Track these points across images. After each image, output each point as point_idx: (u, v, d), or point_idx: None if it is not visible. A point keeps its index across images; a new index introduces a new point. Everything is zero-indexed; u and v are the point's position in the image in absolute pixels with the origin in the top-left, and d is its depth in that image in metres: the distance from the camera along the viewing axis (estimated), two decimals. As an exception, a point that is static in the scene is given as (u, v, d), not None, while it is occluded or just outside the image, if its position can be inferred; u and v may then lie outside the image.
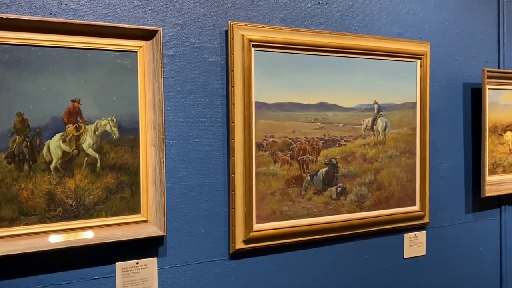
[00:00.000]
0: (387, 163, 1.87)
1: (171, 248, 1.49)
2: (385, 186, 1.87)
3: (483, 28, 2.17)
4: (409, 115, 1.92)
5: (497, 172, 2.16)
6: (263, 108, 1.60)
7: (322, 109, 1.72)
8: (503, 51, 2.22)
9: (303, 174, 1.69)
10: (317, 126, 1.71)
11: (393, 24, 1.91)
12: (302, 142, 1.68)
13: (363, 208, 1.81)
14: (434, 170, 2.02)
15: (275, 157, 1.63)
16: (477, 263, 2.17)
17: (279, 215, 1.64)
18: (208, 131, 1.54)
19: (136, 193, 1.42)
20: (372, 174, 1.84)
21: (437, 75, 2.03)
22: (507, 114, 2.19)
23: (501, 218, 2.24)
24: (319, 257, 1.75)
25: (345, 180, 1.78)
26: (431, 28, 2.01)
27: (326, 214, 1.73)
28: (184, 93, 1.50)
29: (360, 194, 1.81)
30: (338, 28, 1.78)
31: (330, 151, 1.74)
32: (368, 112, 1.82)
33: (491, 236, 2.21)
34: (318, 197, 1.72)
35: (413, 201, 1.94)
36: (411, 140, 1.93)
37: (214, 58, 1.54)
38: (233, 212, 1.55)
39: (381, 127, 1.85)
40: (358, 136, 1.80)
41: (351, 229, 1.78)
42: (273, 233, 1.62)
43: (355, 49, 1.76)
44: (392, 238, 1.92)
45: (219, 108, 1.55)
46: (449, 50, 2.07)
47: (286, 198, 1.65)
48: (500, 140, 2.17)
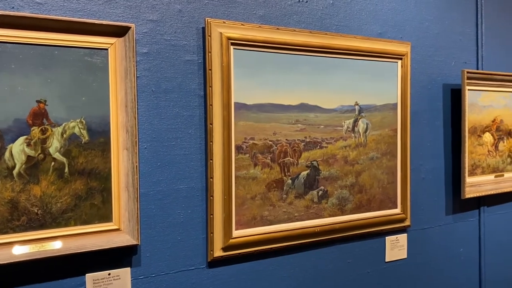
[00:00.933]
0: (368, 165, 1.83)
1: (146, 257, 1.41)
2: (367, 188, 1.83)
3: (462, 29, 2.16)
4: (390, 116, 1.89)
5: (476, 173, 2.16)
6: (243, 109, 1.53)
7: (303, 110, 1.67)
8: (481, 52, 2.22)
9: (284, 177, 1.63)
10: (298, 128, 1.66)
11: (374, 24, 1.88)
12: (283, 144, 1.63)
13: (344, 212, 1.77)
14: (415, 172, 2.00)
15: (255, 160, 1.57)
16: (457, 265, 2.16)
17: (260, 220, 1.58)
18: (184, 133, 1.46)
19: (107, 200, 1.33)
20: (353, 177, 1.79)
21: (417, 75, 2.00)
22: (485, 115, 2.20)
23: (480, 219, 2.24)
24: (300, 263, 1.70)
25: (326, 183, 1.73)
26: (412, 28, 1.99)
27: (307, 218, 1.68)
28: (158, 93, 1.42)
29: (341, 197, 1.76)
30: (318, 27, 1.73)
31: (311, 154, 1.69)
32: (349, 114, 1.78)
33: (471, 237, 2.21)
34: (300, 201, 1.67)
35: (395, 204, 1.91)
36: (392, 141, 1.90)
37: (190, 56, 1.47)
38: (211, 218, 1.47)
39: (362, 128, 1.82)
40: (339, 138, 1.76)
41: (332, 233, 1.74)
42: (253, 239, 1.55)
43: (336, 49, 1.72)
44: (373, 241, 1.89)
45: (196, 109, 1.48)
46: (429, 51, 2.05)
47: (267, 203, 1.59)
48: (479, 141, 2.17)
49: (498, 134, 2.25)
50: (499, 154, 2.26)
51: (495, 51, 2.28)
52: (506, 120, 2.28)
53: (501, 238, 2.32)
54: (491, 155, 2.23)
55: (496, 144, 2.24)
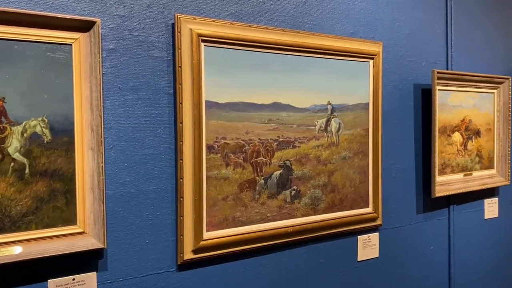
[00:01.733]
0: (341, 165, 1.83)
1: (112, 261, 1.36)
2: (339, 188, 1.82)
3: (433, 30, 2.19)
4: (362, 116, 1.89)
5: (446, 172, 2.19)
6: (214, 107, 1.50)
7: (276, 109, 1.64)
8: (451, 53, 2.26)
9: (257, 177, 1.61)
10: (271, 127, 1.64)
11: (346, 23, 1.87)
12: (255, 143, 1.60)
13: (317, 211, 1.76)
14: (386, 171, 2.01)
15: (227, 160, 1.53)
16: (427, 263, 2.19)
17: (232, 222, 1.55)
18: (153, 132, 1.42)
19: (71, 202, 1.27)
20: (326, 176, 1.79)
21: (389, 75, 2.01)
22: (455, 115, 2.23)
23: (450, 218, 2.27)
24: (272, 264, 1.67)
25: (299, 182, 1.71)
26: (383, 28, 2.00)
27: (280, 218, 1.66)
28: (126, 91, 1.37)
29: (314, 196, 1.75)
30: (291, 26, 1.71)
31: (284, 153, 1.67)
32: (321, 113, 1.77)
33: (441, 235, 2.24)
34: (272, 201, 1.64)
35: (366, 203, 1.91)
36: (364, 141, 1.90)
37: (159, 53, 1.42)
38: (181, 220, 1.43)
39: (334, 128, 1.81)
40: (312, 137, 1.74)
41: (305, 233, 1.72)
42: (225, 241, 1.52)
43: (309, 48, 1.70)
44: (345, 241, 1.89)
45: (166, 107, 1.44)
46: (400, 51, 2.06)
47: (239, 203, 1.56)
48: (448, 141, 2.20)
49: (467, 134, 2.29)
50: (468, 153, 2.30)
51: (464, 51, 2.32)
52: (475, 120, 2.33)
53: (469, 236, 2.36)
54: (460, 154, 2.26)
55: (465, 144, 2.28)
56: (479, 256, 2.41)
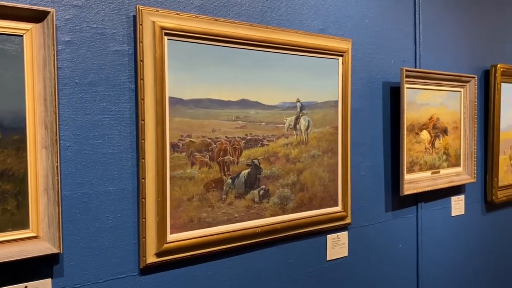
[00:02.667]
0: (310, 163, 1.80)
1: (69, 266, 1.28)
2: (308, 187, 1.79)
3: (401, 27, 2.19)
4: (331, 114, 1.87)
5: (414, 170, 2.20)
6: (179, 104, 1.44)
7: (244, 106, 1.60)
8: (419, 51, 2.26)
9: (224, 176, 1.55)
10: (239, 125, 1.59)
11: (316, 19, 1.84)
12: (222, 142, 1.55)
13: (286, 211, 1.72)
14: (355, 169, 2.00)
15: (192, 159, 1.48)
16: (396, 261, 2.19)
17: (197, 223, 1.49)
18: (113, 130, 1.34)
19: (23, 205, 1.19)
20: (295, 175, 1.75)
21: (358, 73, 2.00)
22: (423, 113, 2.24)
23: (418, 216, 2.28)
24: (240, 265, 1.63)
25: (268, 182, 1.67)
26: (353, 25, 1.98)
27: (248, 219, 1.62)
28: (83, 86, 1.29)
29: (283, 196, 1.72)
30: (259, 21, 1.66)
31: (252, 152, 1.63)
32: (290, 111, 1.73)
33: (409, 233, 2.25)
34: (240, 201, 1.60)
35: (336, 202, 1.89)
36: (333, 139, 1.88)
37: (120, 46, 1.35)
38: (143, 222, 1.37)
39: (303, 126, 1.78)
40: (281, 136, 1.71)
41: (274, 233, 1.69)
42: (190, 243, 1.46)
43: (278, 44, 1.66)
44: (314, 240, 1.86)
45: (127, 103, 1.36)
46: (369, 48, 2.05)
47: (205, 204, 1.51)
48: (416, 139, 2.21)
49: (434, 132, 2.30)
50: (436, 151, 2.32)
51: (432, 50, 2.33)
52: (442, 118, 2.35)
53: (437, 233, 2.38)
54: (428, 152, 2.28)
55: (433, 142, 2.30)
56: (446, 253, 2.44)
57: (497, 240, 2.77)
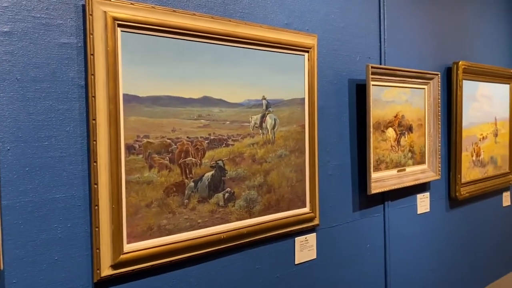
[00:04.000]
0: (277, 163, 1.72)
1: (12, 284, 1.14)
2: (275, 188, 1.72)
3: (366, 24, 2.15)
4: (298, 112, 1.80)
5: (380, 168, 2.17)
6: (134, 102, 1.32)
7: (207, 104, 1.50)
8: (384, 48, 2.24)
9: (186, 180, 1.45)
10: (201, 124, 1.49)
11: (280, 13, 1.77)
12: (183, 142, 1.44)
13: (252, 214, 1.64)
14: (323, 168, 1.94)
15: (150, 161, 1.36)
16: (364, 261, 2.15)
17: (157, 231, 1.38)
18: (60, 131, 1.21)
19: (-46, 217, 1.05)
20: (261, 176, 1.67)
21: (324, 70, 1.94)
22: (388, 110, 2.21)
23: (385, 214, 2.26)
24: (205, 274, 1.53)
25: (233, 184, 1.58)
26: (318, 21, 1.92)
27: (212, 224, 1.52)
28: (25, 82, 1.15)
29: (249, 198, 1.63)
30: (221, 13, 1.57)
31: (216, 152, 1.53)
32: (256, 108, 1.65)
33: (377, 232, 2.22)
34: (203, 206, 1.50)
35: (304, 203, 1.82)
36: (300, 138, 1.81)
37: (67, 39, 1.22)
38: (96, 231, 1.24)
39: (270, 124, 1.70)
40: (246, 135, 1.62)
41: (240, 238, 1.60)
42: (149, 253, 1.35)
43: (241, 38, 1.58)
44: (282, 243, 1.78)
45: (76, 101, 1.24)
46: (335, 45, 2.00)
47: (166, 210, 1.40)
48: (382, 137, 2.18)
49: (400, 130, 2.28)
50: (401, 149, 2.30)
51: (396, 47, 2.31)
52: (407, 115, 2.33)
53: (404, 231, 2.37)
54: (394, 150, 2.25)
55: (398, 139, 2.28)
56: (414, 251, 2.43)
57: (461, 236, 2.80)
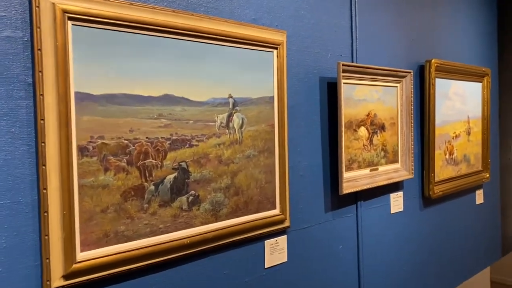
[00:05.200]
0: (245, 164, 1.66)
1: (-51, 300, 1.05)
2: (243, 190, 1.65)
3: (337, 21, 2.11)
4: (267, 111, 1.74)
5: (353, 168, 2.13)
6: (87, 100, 1.24)
7: (168, 103, 1.42)
8: (355, 45, 2.20)
9: (145, 183, 1.37)
10: (162, 124, 1.41)
11: (248, 8, 1.70)
12: (142, 143, 1.36)
13: (219, 218, 1.57)
14: (293, 169, 1.88)
15: (106, 163, 1.28)
16: (337, 263, 2.11)
17: (114, 238, 1.30)
18: (4, 132, 1.12)
19: None
20: (228, 178, 1.60)
21: (294, 67, 1.89)
22: (360, 109, 2.17)
23: (358, 214, 2.22)
24: (167, 282, 1.45)
25: (198, 186, 1.51)
26: (287, 16, 1.86)
27: (175, 229, 1.44)
28: (-38, 79, 1.06)
29: (215, 201, 1.56)
30: (183, 7, 1.49)
31: (179, 153, 1.46)
32: (222, 107, 1.58)
33: (349, 233, 2.18)
34: (165, 210, 1.42)
35: (273, 204, 1.77)
36: (270, 138, 1.75)
37: (12, 32, 1.13)
38: (46, 240, 1.15)
39: (237, 124, 1.63)
40: (212, 135, 1.55)
41: (205, 243, 1.52)
42: (106, 261, 1.27)
43: (205, 33, 1.51)
44: (251, 247, 1.72)
45: (22, 100, 1.14)
46: (305, 41, 1.95)
47: (123, 215, 1.32)
48: (355, 136, 2.14)
49: (372, 128, 2.25)
50: (374, 148, 2.26)
51: (369, 44, 2.28)
52: (380, 114, 2.30)
53: (377, 231, 2.33)
54: (366, 149, 2.22)
55: (371, 138, 2.24)
56: (387, 251, 2.40)
57: (435, 235, 2.79)
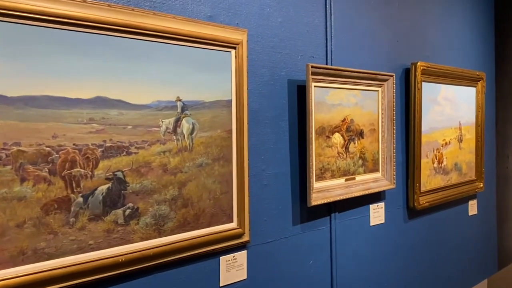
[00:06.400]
0: (196, 174, 1.52)
1: None
2: (194, 201, 1.51)
3: (310, 20, 1.97)
4: (223, 115, 1.60)
5: (325, 177, 1.98)
6: (1, 103, 1.11)
7: (101, 106, 1.29)
8: (330, 46, 2.05)
9: (72, 194, 1.24)
10: (93, 129, 1.28)
11: (203, 5, 1.57)
12: (68, 151, 1.23)
13: (163, 233, 1.43)
14: (256, 178, 1.74)
15: (22, 173, 1.15)
16: (306, 280, 1.95)
17: (32, 255, 1.16)
18: None
19: None
20: (175, 189, 1.46)
21: (257, 69, 1.75)
22: (335, 114, 2.03)
23: (331, 227, 2.07)
24: (101, 303, 1.32)
25: (137, 198, 1.37)
26: (250, 14, 1.73)
27: (108, 246, 1.31)
28: None
29: (159, 214, 1.42)
30: (124, 1, 1.36)
31: (114, 162, 1.32)
32: (169, 111, 1.45)
33: (321, 247, 2.03)
34: (97, 224, 1.29)
35: (230, 217, 1.62)
36: (226, 144, 1.61)
37: None
38: None
39: (186, 129, 1.50)
40: (155, 141, 1.41)
41: (146, 261, 1.39)
42: (22, 282, 1.14)
43: (149, 30, 1.38)
44: (204, 264, 1.58)
45: None
46: (271, 41, 1.81)
47: (44, 230, 1.19)
48: (327, 143, 1.99)
49: (348, 135, 2.10)
50: (350, 156, 2.11)
51: (347, 45, 2.13)
52: (357, 119, 2.15)
53: (353, 245, 2.18)
54: (341, 157, 2.07)
55: (347, 146, 2.09)
56: (365, 266, 2.24)
57: (421, 249, 2.63)
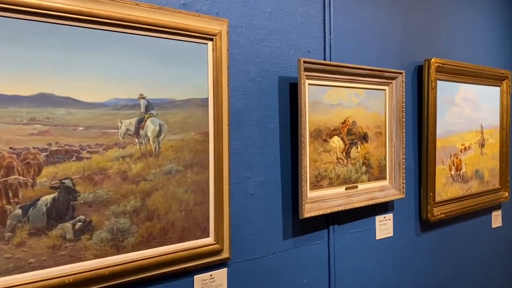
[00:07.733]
0: (164, 182, 1.34)
1: None
2: (160, 214, 1.33)
3: (305, 10, 1.76)
4: (198, 116, 1.41)
5: (321, 186, 1.77)
6: None
7: (45, 104, 1.13)
8: (329, 40, 1.84)
9: (8, 206, 1.08)
10: (35, 131, 1.11)
11: (175, -9, 1.40)
12: (4, 155, 1.07)
13: (123, 249, 1.26)
14: (239, 187, 1.55)
15: None
16: (299, 301, 1.75)
17: (-46, 276, 1.01)
18: None
19: None
20: (138, 199, 1.29)
21: (241, 64, 1.56)
22: (333, 115, 1.81)
23: (330, 241, 1.85)
24: (45, 330, 1.15)
25: (89, 210, 1.20)
26: (233, 2, 1.54)
27: (54, 264, 1.14)
28: None
29: (117, 228, 1.25)
30: (77, -14, 1.20)
31: (61, 168, 1.15)
32: (129, 110, 1.27)
33: (317, 264, 1.81)
34: (39, 240, 1.12)
35: (206, 231, 1.44)
36: (202, 148, 1.42)
37: None
38: None
39: (152, 131, 1.32)
40: (112, 145, 1.24)
41: (100, 281, 1.21)
42: None
43: (103, 18, 1.21)
44: (175, 284, 1.40)
45: None
46: (259, 34, 1.62)
47: (-29, 247, 1.03)
48: (325, 147, 1.78)
49: (350, 139, 1.88)
50: (352, 162, 1.89)
51: (349, 39, 1.92)
52: (360, 121, 1.93)
53: (356, 261, 1.95)
54: (341, 163, 1.85)
55: (348, 150, 1.87)
56: (370, 286, 2.01)
57: (433, 266, 2.37)
